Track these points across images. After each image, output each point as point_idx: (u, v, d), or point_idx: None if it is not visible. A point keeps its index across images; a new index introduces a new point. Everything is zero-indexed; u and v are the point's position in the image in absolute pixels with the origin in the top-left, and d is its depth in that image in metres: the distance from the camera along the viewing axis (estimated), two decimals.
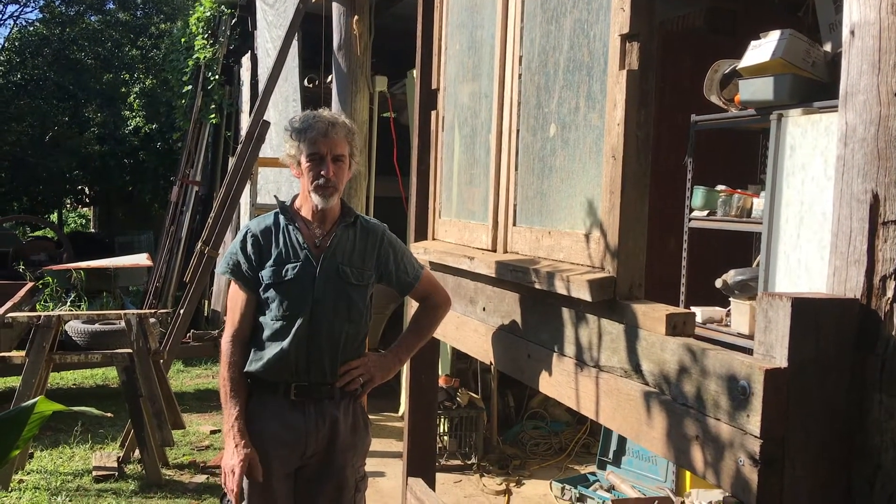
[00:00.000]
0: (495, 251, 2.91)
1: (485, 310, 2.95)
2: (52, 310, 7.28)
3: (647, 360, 1.99)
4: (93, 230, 22.57)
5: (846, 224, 1.63)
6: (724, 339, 3.56)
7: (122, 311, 5.42)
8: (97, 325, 5.51)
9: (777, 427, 1.58)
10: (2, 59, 18.83)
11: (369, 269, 2.70)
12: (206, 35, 10.21)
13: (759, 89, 3.44)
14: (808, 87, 3.33)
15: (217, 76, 10.18)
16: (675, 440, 1.86)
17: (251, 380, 2.65)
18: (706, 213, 3.89)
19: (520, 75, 2.77)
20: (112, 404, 6.18)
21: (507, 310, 2.76)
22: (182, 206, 10.52)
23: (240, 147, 6.36)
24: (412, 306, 3.03)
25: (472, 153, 3.18)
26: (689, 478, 4.33)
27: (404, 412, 3.66)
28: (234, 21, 9.77)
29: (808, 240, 3.17)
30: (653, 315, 1.98)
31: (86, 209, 24.85)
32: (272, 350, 2.58)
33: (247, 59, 9.41)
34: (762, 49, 3.44)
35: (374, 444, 2.97)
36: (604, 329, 2.19)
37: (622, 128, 2.13)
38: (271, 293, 2.59)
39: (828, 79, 3.31)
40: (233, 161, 6.47)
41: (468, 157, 3.22)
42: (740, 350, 2.06)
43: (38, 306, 7.30)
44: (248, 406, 2.60)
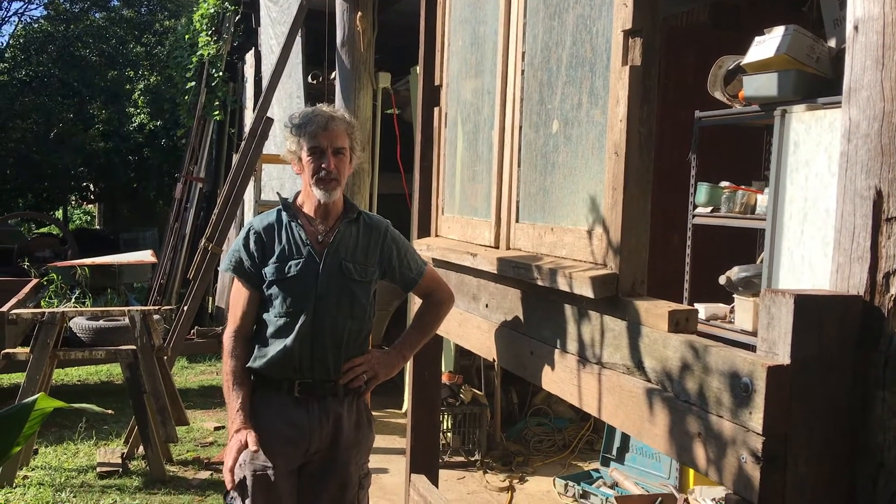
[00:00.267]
0: (498, 248, 2.90)
1: (488, 306, 2.95)
2: (57, 306, 7.30)
3: (650, 357, 1.98)
4: (98, 227, 22.64)
5: (849, 220, 1.63)
6: (727, 335, 3.55)
7: (125, 308, 5.43)
8: (101, 322, 5.52)
9: (779, 424, 1.57)
10: (7, 56, 18.88)
11: (372, 266, 2.69)
12: (209, 32, 10.20)
13: (763, 85, 3.43)
14: (813, 83, 3.31)
15: (221, 73, 10.18)
16: (678, 437, 1.85)
17: (255, 377, 2.65)
18: (710, 209, 3.88)
19: (522, 71, 2.76)
20: (116, 401, 6.20)
21: (510, 306, 2.76)
22: (186, 203, 10.53)
23: (243, 144, 6.37)
24: (415, 303, 3.03)
25: (474, 150, 3.18)
26: (692, 475, 4.32)
27: (408, 409, 3.66)
28: (237, 18, 9.77)
29: (811, 236, 3.16)
30: (655, 312, 1.98)
31: (91, 206, 24.94)
32: (276, 347, 2.58)
33: (250, 56, 9.41)
34: (766, 45, 3.43)
35: (377, 440, 2.97)
36: (606, 326, 2.18)
37: (625, 124, 2.13)
38: (274, 290, 2.59)
39: (832, 75, 3.30)
40: (236, 158, 6.47)
41: (471, 154, 3.22)
42: (744, 347, 2.06)
43: (42, 303, 7.32)
44: (251, 403, 2.61)
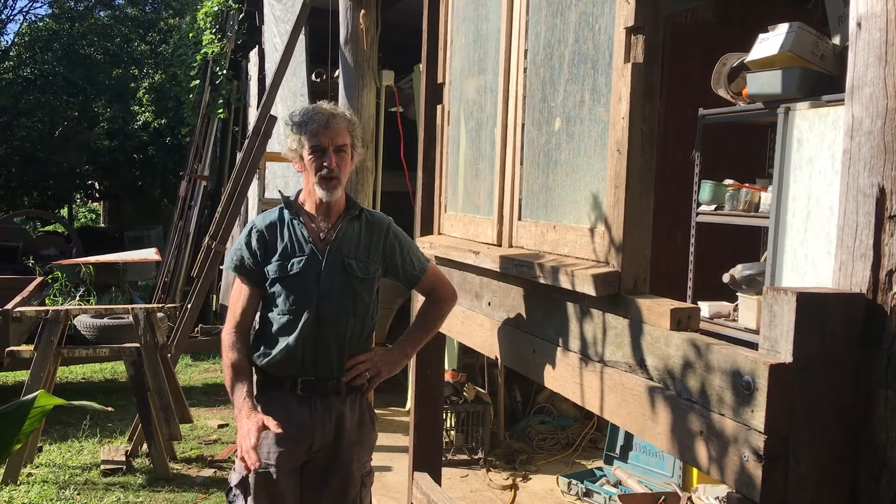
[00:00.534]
0: (500, 246, 2.90)
1: (490, 304, 2.94)
2: (62, 304, 7.32)
3: (652, 355, 1.98)
4: (102, 225, 22.69)
5: (852, 218, 1.62)
6: (731, 334, 3.54)
7: (129, 306, 5.44)
8: (105, 320, 5.54)
9: (781, 423, 1.57)
10: (12, 54, 18.92)
11: (375, 263, 2.69)
12: (214, 30, 10.20)
13: (767, 83, 3.42)
14: (817, 80, 3.30)
15: (225, 71, 10.18)
16: (679, 435, 1.85)
17: (258, 374, 2.66)
18: (714, 207, 3.87)
19: (525, 69, 2.75)
20: (121, 398, 6.22)
21: (513, 304, 2.75)
22: (190, 202, 10.54)
23: (247, 142, 6.37)
24: (419, 300, 3.02)
25: (477, 148, 3.17)
26: (696, 473, 4.31)
27: (411, 407, 3.66)
28: (241, 16, 9.76)
29: (815, 234, 3.15)
30: (657, 310, 1.97)
31: (96, 204, 25.00)
32: (279, 345, 2.58)
33: (254, 54, 9.41)
34: (770, 42, 3.42)
35: (380, 438, 2.96)
36: (608, 324, 2.17)
37: (627, 122, 2.12)
38: (277, 288, 2.59)
39: (836, 72, 3.28)
40: (240, 156, 6.47)
41: (474, 152, 3.21)
42: (748, 345, 2.05)
43: (47, 301, 7.35)
44: (254, 398, 2.61)
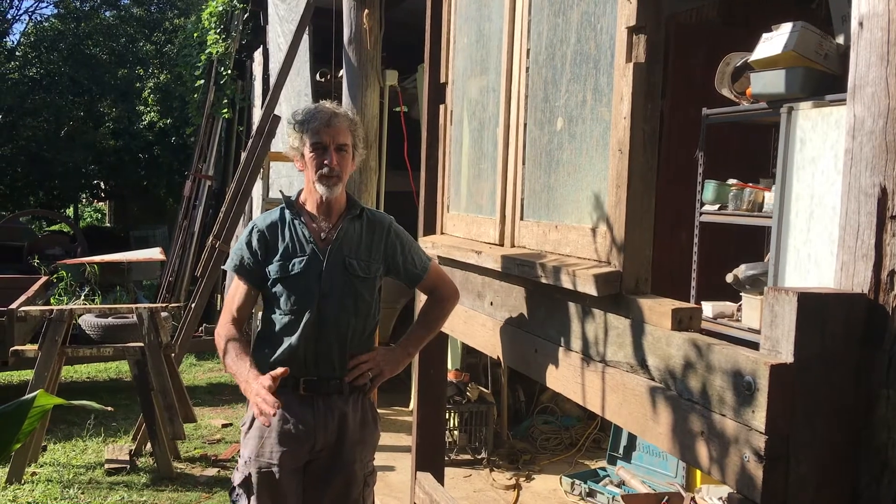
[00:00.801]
0: (503, 245, 2.90)
1: (492, 304, 2.94)
2: (66, 304, 7.33)
3: (653, 356, 1.97)
4: (108, 224, 22.74)
5: (854, 218, 1.61)
6: (735, 334, 3.53)
7: (134, 305, 5.45)
8: (110, 319, 5.54)
9: (782, 423, 1.56)
10: (17, 54, 18.97)
11: (376, 262, 2.69)
12: (218, 30, 10.22)
13: (770, 82, 3.41)
14: (821, 80, 3.29)
15: (229, 71, 10.19)
16: (681, 436, 1.84)
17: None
18: (717, 207, 3.86)
19: (527, 69, 2.75)
20: (125, 398, 6.24)
21: (515, 304, 2.75)
22: (195, 201, 10.55)
23: (251, 141, 6.37)
24: (421, 300, 3.03)
25: (480, 147, 3.17)
26: (699, 474, 4.31)
27: (414, 406, 3.66)
28: (245, 16, 9.77)
29: (818, 234, 3.14)
30: (659, 310, 1.97)
31: (101, 204, 25.04)
32: (282, 345, 2.59)
33: (259, 54, 9.42)
34: (774, 42, 3.40)
35: (384, 438, 2.97)
36: (610, 324, 2.17)
37: (628, 121, 2.12)
38: (278, 288, 2.60)
39: (840, 71, 3.27)
40: (244, 155, 6.48)
41: (476, 152, 3.21)
42: (752, 346, 2.05)
43: (52, 300, 7.36)
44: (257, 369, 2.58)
